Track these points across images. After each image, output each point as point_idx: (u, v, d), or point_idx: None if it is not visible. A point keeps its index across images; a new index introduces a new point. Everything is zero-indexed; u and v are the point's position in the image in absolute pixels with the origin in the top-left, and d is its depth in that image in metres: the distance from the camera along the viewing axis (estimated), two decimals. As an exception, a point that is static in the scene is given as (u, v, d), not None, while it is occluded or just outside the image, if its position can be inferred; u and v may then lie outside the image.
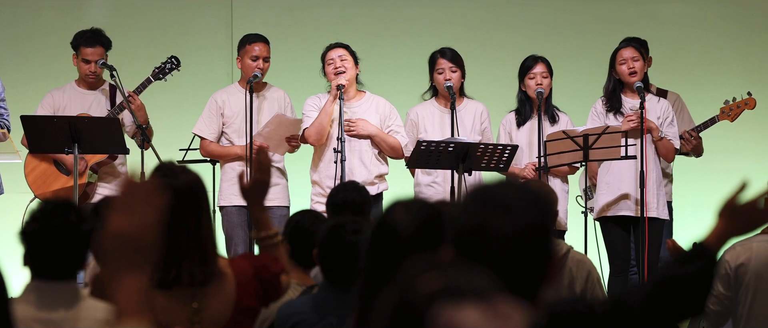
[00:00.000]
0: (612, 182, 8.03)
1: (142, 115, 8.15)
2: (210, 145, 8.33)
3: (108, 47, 8.29)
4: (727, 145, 9.40)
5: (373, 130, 8.10)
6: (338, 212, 5.89)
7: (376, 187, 8.11)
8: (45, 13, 10.38)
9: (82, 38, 8.28)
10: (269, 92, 8.37)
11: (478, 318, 1.92)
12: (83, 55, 8.26)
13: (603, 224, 8.09)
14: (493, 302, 1.94)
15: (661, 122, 8.07)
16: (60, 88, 8.39)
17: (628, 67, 8.03)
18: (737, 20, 10.47)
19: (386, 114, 8.21)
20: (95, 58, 8.24)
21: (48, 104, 8.32)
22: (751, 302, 5.21)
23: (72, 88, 8.39)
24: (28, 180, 8.25)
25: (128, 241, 2.08)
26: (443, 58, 8.15)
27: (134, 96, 8.16)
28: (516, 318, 1.94)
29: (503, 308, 1.94)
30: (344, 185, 6.27)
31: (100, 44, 8.27)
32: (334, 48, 8.15)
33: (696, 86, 9.80)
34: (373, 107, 8.21)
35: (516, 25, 10.45)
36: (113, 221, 2.09)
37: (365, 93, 8.25)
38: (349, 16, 10.43)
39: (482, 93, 8.49)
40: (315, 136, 8.06)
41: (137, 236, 2.08)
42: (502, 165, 7.75)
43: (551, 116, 8.21)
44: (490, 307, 1.93)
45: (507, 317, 1.93)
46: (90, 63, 8.24)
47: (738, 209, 2.99)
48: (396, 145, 8.15)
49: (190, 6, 10.44)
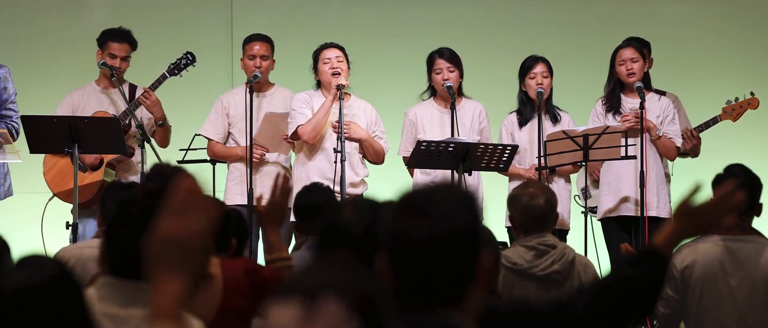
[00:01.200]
0: (613, 183, 8.04)
1: (157, 110, 8.17)
2: (216, 146, 8.37)
3: (135, 47, 8.32)
4: (727, 145, 9.39)
5: (364, 134, 8.12)
6: (304, 216, 5.81)
7: (361, 188, 8.15)
8: (45, 13, 10.38)
9: (111, 34, 8.31)
10: (272, 92, 8.37)
11: (289, 317, 1.97)
12: (110, 50, 8.26)
13: (605, 225, 8.10)
14: (317, 303, 1.97)
15: (661, 120, 8.08)
16: (80, 88, 8.42)
17: (626, 68, 8.04)
18: (737, 20, 10.47)
19: (373, 120, 8.24)
20: (122, 54, 8.27)
21: (67, 104, 8.34)
22: (699, 304, 5.23)
23: (91, 88, 8.41)
24: (46, 178, 8.27)
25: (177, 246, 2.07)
26: (441, 58, 8.15)
27: (150, 92, 8.17)
28: (333, 321, 1.97)
29: (325, 311, 1.97)
30: (308, 187, 6.18)
31: (128, 42, 8.30)
32: (330, 47, 8.15)
33: (696, 86, 9.80)
34: (361, 111, 8.22)
35: (516, 25, 10.45)
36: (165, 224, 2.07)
37: (351, 96, 8.25)
38: (349, 16, 10.42)
39: (482, 93, 8.49)
40: (311, 133, 8.04)
41: (186, 242, 2.07)
42: (502, 165, 7.75)
43: (553, 116, 8.22)
44: (311, 308, 1.97)
45: (324, 319, 1.96)
46: (116, 58, 8.25)
47: (690, 210, 2.96)
48: (380, 151, 8.20)
49: (190, 6, 10.44)
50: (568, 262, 5.35)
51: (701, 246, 5.28)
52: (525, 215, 5.30)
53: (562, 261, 5.32)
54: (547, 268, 5.30)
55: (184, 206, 2.08)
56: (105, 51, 8.29)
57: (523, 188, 5.44)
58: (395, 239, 2.39)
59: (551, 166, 7.88)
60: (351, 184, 8.06)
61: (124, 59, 8.27)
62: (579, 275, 5.36)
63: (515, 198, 5.35)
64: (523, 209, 5.30)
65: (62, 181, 8.22)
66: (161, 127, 8.24)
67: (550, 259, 5.31)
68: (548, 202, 5.31)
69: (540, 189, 5.43)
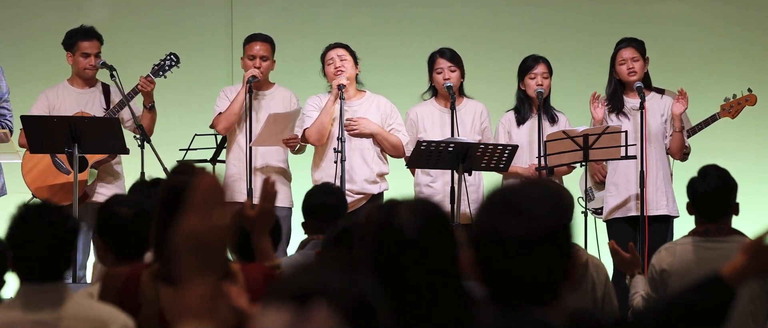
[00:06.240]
0: (620, 183, 8.04)
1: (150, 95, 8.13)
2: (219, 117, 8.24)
3: (102, 42, 8.30)
4: (727, 145, 9.40)
5: (375, 128, 8.10)
6: (314, 215, 5.78)
7: (378, 186, 8.12)
8: (45, 13, 10.37)
9: (78, 34, 8.27)
10: (272, 92, 8.36)
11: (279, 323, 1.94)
12: (82, 50, 8.23)
13: (610, 225, 8.10)
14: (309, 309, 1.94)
15: (665, 119, 8.09)
16: (52, 87, 8.35)
17: (627, 68, 8.05)
18: (737, 20, 10.47)
19: (387, 113, 8.22)
20: (94, 51, 8.24)
21: (42, 104, 8.28)
22: None
23: (65, 88, 8.36)
24: (26, 179, 8.22)
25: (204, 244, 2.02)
26: (442, 58, 8.16)
27: (152, 78, 8.16)
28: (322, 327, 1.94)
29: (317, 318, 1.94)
30: (319, 187, 6.15)
31: (96, 38, 8.27)
32: (334, 48, 8.16)
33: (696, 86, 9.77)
34: (374, 106, 8.21)
35: (516, 25, 10.44)
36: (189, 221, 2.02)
37: (366, 92, 8.25)
38: (349, 16, 10.42)
39: (482, 93, 8.49)
40: (316, 135, 8.07)
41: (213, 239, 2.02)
42: (502, 165, 7.75)
43: (550, 117, 8.22)
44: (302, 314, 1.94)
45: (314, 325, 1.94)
46: (90, 56, 8.23)
47: (762, 249, 2.96)
48: (397, 144, 8.15)
49: (190, 6, 10.44)
50: (582, 264, 5.33)
51: (679, 247, 5.36)
52: None
53: None
54: None
55: (207, 202, 2.04)
56: (76, 52, 8.25)
57: None
58: (488, 237, 2.36)
59: (551, 166, 7.88)
60: (366, 180, 8.05)
61: (96, 55, 8.25)
62: (592, 277, 5.35)
63: None
64: None
65: (43, 182, 8.19)
66: (151, 111, 8.20)
67: None
68: None
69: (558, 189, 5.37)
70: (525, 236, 2.34)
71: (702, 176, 5.29)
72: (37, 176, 8.21)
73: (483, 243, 2.37)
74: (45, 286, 3.62)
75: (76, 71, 8.31)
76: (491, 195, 2.43)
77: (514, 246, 2.34)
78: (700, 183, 5.28)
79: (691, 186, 5.31)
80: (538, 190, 2.41)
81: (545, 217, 2.37)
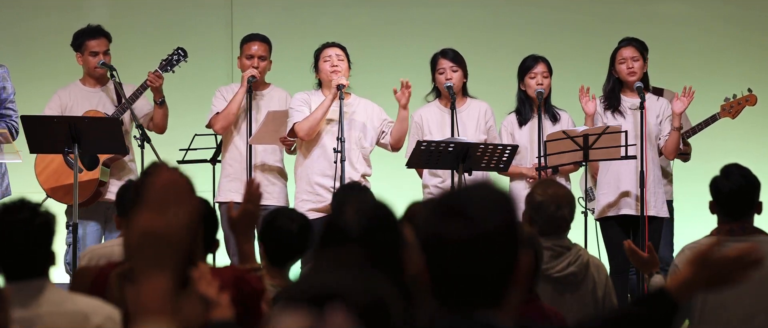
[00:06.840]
0: (612, 182, 8.04)
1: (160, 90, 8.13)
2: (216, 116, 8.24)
3: (110, 40, 8.31)
4: (727, 145, 9.40)
5: None
6: None
7: None
8: (45, 13, 10.38)
9: (85, 34, 8.28)
10: (268, 92, 8.36)
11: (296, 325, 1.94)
12: (90, 49, 8.24)
13: (603, 224, 8.09)
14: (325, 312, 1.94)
15: (660, 120, 8.09)
16: (65, 87, 8.36)
17: (627, 67, 8.05)
18: (737, 20, 10.47)
19: (376, 113, 8.21)
20: (102, 49, 8.24)
21: (55, 105, 8.28)
22: (703, 304, 5.22)
23: (77, 87, 8.36)
24: (39, 179, 8.23)
25: (158, 240, 2.01)
26: (444, 59, 8.15)
27: (160, 72, 8.16)
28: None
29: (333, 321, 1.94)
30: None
31: (103, 36, 8.28)
32: (332, 46, 8.14)
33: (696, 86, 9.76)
34: (361, 107, 8.19)
35: (516, 25, 10.45)
36: (143, 218, 2.02)
37: (352, 95, 8.24)
38: (349, 16, 10.42)
39: (483, 93, 8.48)
40: (306, 130, 8.00)
41: (168, 236, 2.01)
42: (503, 165, 7.75)
43: (552, 116, 8.22)
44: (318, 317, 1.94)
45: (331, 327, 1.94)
46: (98, 54, 8.23)
47: (709, 262, 2.90)
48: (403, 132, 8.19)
49: (190, 6, 10.44)
50: (584, 264, 5.31)
51: None
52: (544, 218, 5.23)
53: (578, 263, 5.27)
54: (564, 270, 5.26)
55: (163, 200, 2.03)
56: (85, 51, 8.26)
57: (545, 188, 5.35)
58: (432, 240, 2.36)
59: (552, 165, 7.88)
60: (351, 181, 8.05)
61: (105, 53, 8.25)
62: (593, 277, 5.34)
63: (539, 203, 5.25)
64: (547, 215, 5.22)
65: (56, 181, 8.20)
66: (161, 106, 8.20)
67: (566, 261, 5.27)
68: (570, 206, 5.28)
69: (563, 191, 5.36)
70: (468, 239, 2.33)
71: (725, 175, 5.22)
72: (50, 175, 8.22)
73: (428, 247, 2.37)
74: (26, 283, 3.62)
75: (87, 71, 8.32)
76: (435, 199, 2.44)
77: (457, 249, 2.33)
78: (723, 182, 5.21)
79: (714, 185, 5.22)
80: (482, 192, 2.40)
81: (489, 219, 2.35)
